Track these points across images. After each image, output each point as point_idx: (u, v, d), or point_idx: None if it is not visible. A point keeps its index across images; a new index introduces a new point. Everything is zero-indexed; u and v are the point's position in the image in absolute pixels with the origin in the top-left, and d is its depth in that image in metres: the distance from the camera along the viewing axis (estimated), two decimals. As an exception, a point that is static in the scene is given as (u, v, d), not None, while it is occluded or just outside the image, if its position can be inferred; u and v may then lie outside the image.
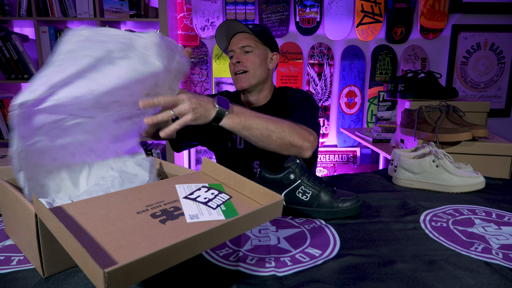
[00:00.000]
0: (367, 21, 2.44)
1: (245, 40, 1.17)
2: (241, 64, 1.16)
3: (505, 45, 2.53)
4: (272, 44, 1.23)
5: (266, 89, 1.25)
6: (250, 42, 1.17)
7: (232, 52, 1.20)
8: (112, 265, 0.36)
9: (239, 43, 1.17)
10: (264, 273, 0.57)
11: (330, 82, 2.53)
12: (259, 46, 1.19)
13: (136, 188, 0.61)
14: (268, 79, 1.24)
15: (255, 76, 1.18)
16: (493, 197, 0.93)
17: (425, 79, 1.60)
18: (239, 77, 1.18)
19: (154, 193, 0.60)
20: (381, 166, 2.24)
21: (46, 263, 0.55)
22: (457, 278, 0.55)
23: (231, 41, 1.21)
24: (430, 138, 1.22)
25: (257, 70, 1.18)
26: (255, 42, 1.18)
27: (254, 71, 1.17)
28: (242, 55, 1.17)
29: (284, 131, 0.93)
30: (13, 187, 0.62)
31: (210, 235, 0.46)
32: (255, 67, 1.17)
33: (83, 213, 0.51)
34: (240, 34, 1.19)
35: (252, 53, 1.18)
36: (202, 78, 2.46)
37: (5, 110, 2.05)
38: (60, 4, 2.00)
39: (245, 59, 1.17)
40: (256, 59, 1.18)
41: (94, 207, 0.53)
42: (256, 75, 1.18)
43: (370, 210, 0.85)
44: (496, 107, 2.62)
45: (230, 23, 1.16)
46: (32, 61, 2.07)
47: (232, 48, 1.19)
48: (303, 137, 0.97)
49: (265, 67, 1.20)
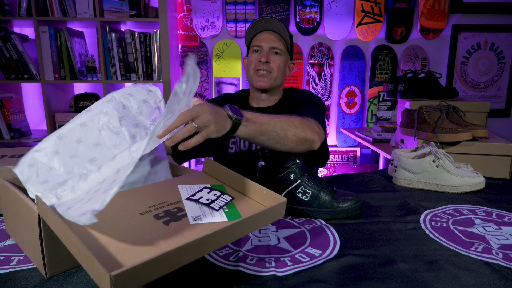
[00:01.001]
0: (367, 21, 2.44)
1: (276, 41, 1.17)
2: (269, 65, 1.16)
3: (505, 45, 2.53)
4: (292, 52, 1.25)
5: (278, 93, 1.26)
6: (280, 46, 1.17)
7: (259, 48, 1.17)
8: (117, 268, 0.36)
9: (271, 42, 1.16)
10: (264, 273, 0.57)
11: (330, 82, 2.53)
12: (285, 52, 1.20)
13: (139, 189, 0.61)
14: (282, 84, 1.26)
15: (276, 80, 1.19)
16: (493, 197, 0.93)
17: (425, 79, 1.60)
18: (262, 75, 1.17)
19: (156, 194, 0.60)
20: (381, 166, 2.24)
21: (49, 264, 0.55)
22: (457, 278, 0.55)
23: (261, 36, 1.18)
24: (430, 138, 1.22)
25: (279, 74, 1.19)
26: (284, 46, 1.19)
27: (277, 75, 1.18)
28: (271, 56, 1.17)
29: (297, 127, 0.91)
30: (15, 186, 0.62)
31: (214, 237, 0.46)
32: (279, 71, 1.18)
33: None
34: (272, 33, 1.18)
35: (280, 56, 1.18)
36: (202, 78, 2.46)
37: (5, 110, 2.05)
38: (60, 4, 2.00)
39: (273, 60, 1.17)
40: (282, 64, 1.19)
41: None
42: (277, 78, 1.19)
43: (370, 210, 0.85)
44: (496, 107, 2.62)
45: (268, 19, 1.15)
46: (32, 61, 2.07)
47: (261, 44, 1.17)
48: (313, 129, 0.95)
49: (284, 73, 1.22)
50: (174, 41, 2.26)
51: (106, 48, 2.08)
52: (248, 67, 1.20)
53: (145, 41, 2.11)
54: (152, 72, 2.15)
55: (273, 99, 1.25)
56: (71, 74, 2.12)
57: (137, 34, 2.10)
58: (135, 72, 2.14)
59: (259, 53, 1.18)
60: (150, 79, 2.16)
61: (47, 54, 2.04)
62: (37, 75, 2.08)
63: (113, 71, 2.11)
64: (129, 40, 2.09)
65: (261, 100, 1.25)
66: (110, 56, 2.09)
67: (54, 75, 2.07)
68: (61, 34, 2.06)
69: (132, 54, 2.11)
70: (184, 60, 0.66)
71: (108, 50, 2.08)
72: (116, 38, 2.08)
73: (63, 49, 2.08)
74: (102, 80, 2.09)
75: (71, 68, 2.11)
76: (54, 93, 2.17)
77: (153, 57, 2.14)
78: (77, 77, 2.12)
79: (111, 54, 2.09)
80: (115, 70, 2.11)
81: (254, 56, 1.18)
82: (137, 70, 2.13)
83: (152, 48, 2.13)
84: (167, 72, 2.10)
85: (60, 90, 2.23)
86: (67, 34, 2.06)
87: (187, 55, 0.74)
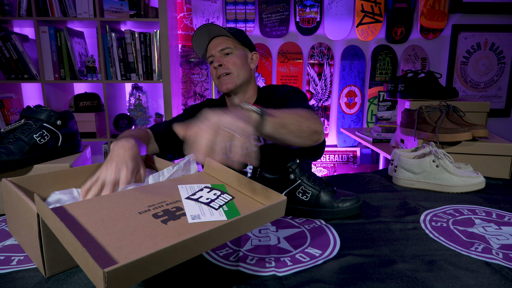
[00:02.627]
0: (367, 21, 2.44)
1: (223, 43, 1.16)
2: (224, 67, 1.15)
3: (505, 45, 2.53)
4: (250, 45, 1.23)
5: (251, 90, 1.23)
6: (228, 44, 1.16)
7: (211, 57, 1.18)
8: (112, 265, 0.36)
9: (218, 46, 1.16)
10: (264, 273, 0.57)
11: (330, 82, 2.53)
12: (238, 47, 1.18)
13: (138, 188, 0.61)
14: (251, 79, 1.23)
15: (239, 77, 1.17)
16: (493, 197, 0.93)
17: (425, 79, 1.60)
18: (223, 79, 1.16)
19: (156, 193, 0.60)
20: (381, 166, 2.24)
21: (48, 263, 0.55)
22: (457, 278, 0.55)
23: (209, 46, 1.19)
24: (430, 138, 1.22)
25: (240, 70, 1.16)
26: (234, 43, 1.17)
27: (237, 72, 1.16)
28: (223, 58, 1.15)
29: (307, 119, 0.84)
30: (16, 186, 0.62)
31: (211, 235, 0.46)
32: (238, 68, 1.16)
33: (85, 213, 0.51)
34: (217, 38, 1.18)
35: (232, 54, 1.16)
36: (202, 78, 2.46)
37: (5, 110, 2.05)
38: (60, 4, 2.00)
39: (226, 61, 1.15)
40: (237, 60, 1.16)
41: (96, 207, 0.53)
42: (240, 75, 1.17)
43: (370, 210, 0.85)
44: (496, 107, 2.62)
45: (205, 27, 1.14)
46: (32, 61, 2.07)
47: (211, 52, 1.17)
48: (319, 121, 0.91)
49: (247, 67, 1.19)
50: (174, 41, 2.26)
51: (106, 48, 2.08)
52: (213, 79, 1.20)
53: (145, 41, 2.11)
54: (152, 72, 2.15)
55: (248, 97, 1.23)
56: (71, 74, 2.12)
57: (137, 34, 2.10)
58: (135, 72, 2.14)
59: (214, 61, 1.17)
60: (150, 79, 2.16)
61: (47, 54, 2.04)
62: (37, 75, 2.08)
63: (113, 71, 2.11)
64: (129, 40, 2.09)
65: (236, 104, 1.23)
66: (110, 56, 2.09)
67: (54, 75, 2.07)
68: (61, 34, 2.06)
69: (132, 54, 2.11)
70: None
71: (108, 50, 2.08)
72: (116, 38, 2.08)
73: (63, 49, 2.08)
74: (102, 80, 2.09)
75: (71, 68, 2.11)
76: (54, 93, 2.17)
77: (153, 57, 2.14)
78: (77, 77, 2.12)
79: (111, 54, 2.09)
80: (115, 70, 2.11)
81: (211, 66, 1.18)
82: (137, 70, 2.13)
83: (152, 48, 2.13)
84: (167, 72, 2.10)
85: (60, 90, 2.24)
86: (67, 34, 2.06)
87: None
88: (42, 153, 0.85)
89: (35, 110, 0.87)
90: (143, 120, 2.31)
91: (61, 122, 0.88)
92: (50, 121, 0.86)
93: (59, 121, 0.88)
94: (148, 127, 1.17)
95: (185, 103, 2.49)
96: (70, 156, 0.91)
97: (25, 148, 0.81)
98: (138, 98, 2.28)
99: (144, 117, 2.31)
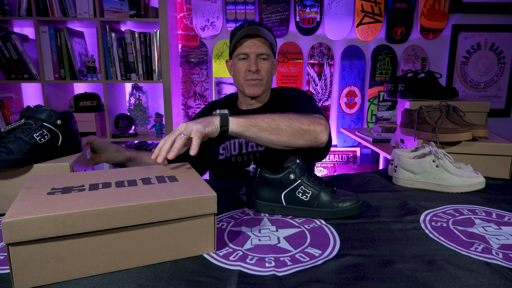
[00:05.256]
0: (367, 21, 2.44)
1: (262, 47, 1.15)
2: (259, 73, 1.15)
3: (505, 45, 2.53)
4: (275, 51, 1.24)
5: (267, 93, 1.26)
6: (266, 50, 1.16)
7: (245, 56, 1.15)
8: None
9: (258, 49, 1.14)
10: (264, 273, 0.57)
11: (330, 82, 2.53)
12: (270, 54, 1.18)
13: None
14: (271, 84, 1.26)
15: (267, 84, 1.19)
16: (493, 197, 0.93)
17: (425, 79, 1.60)
18: (253, 84, 1.16)
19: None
20: (381, 166, 2.24)
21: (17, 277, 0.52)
22: (457, 278, 0.55)
23: (247, 44, 1.15)
24: (430, 138, 1.22)
25: (269, 78, 1.19)
26: (269, 49, 1.17)
27: (267, 80, 1.18)
28: (259, 63, 1.15)
29: (290, 119, 0.90)
30: None
31: (116, 212, 0.54)
32: (268, 75, 1.18)
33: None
34: (257, 39, 1.15)
35: (267, 61, 1.17)
36: (202, 78, 2.46)
37: (5, 110, 2.05)
38: (60, 4, 2.00)
39: (262, 67, 1.15)
40: (270, 68, 1.18)
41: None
42: (268, 83, 1.19)
43: (370, 210, 0.85)
44: (496, 107, 2.62)
45: (253, 28, 1.11)
46: (32, 61, 2.07)
47: (247, 51, 1.14)
48: (313, 121, 0.93)
49: (271, 75, 1.21)
50: (174, 41, 2.26)
51: (106, 48, 2.08)
52: (237, 75, 1.18)
53: (145, 41, 2.11)
54: (152, 72, 2.15)
55: (262, 99, 1.25)
56: (71, 74, 2.12)
57: (137, 34, 2.10)
58: (135, 72, 2.14)
59: (246, 61, 1.16)
60: (150, 79, 2.16)
61: (47, 54, 2.04)
62: (37, 75, 2.08)
63: (113, 71, 2.11)
64: (129, 40, 2.10)
65: (250, 104, 1.25)
66: (110, 56, 2.09)
67: (54, 75, 2.07)
68: (61, 34, 2.06)
69: (132, 54, 2.11)
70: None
71: (108, 50, 2.08)
72: (116, 38, 2.08)
73: (63, 49, 2.08)
74: (102, 80, 2.09)
75: (71, 68, 2.11)
76: (54, 93, 2.17)
77: (153, 57, 2.14)
78: (77, 77, 2.12)
79: (111, 54, 2.09)
80: (115, 70, 2.11)
81: (242, 64, 1.16)
82: (137, 70, 2.13)
83: (152, 48, 2.13)
84: (167, 72, 2.10)
85: (60, 90, 2.24)
86: (67, 34, 2.06)
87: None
88: (42, 153, 0.85)
89: (35, 110, 0.87)
90: (143, 120, 2.31)
91: (61, 122, 0.88)
92: (50, 121, 0.87)
93: (59, 120, 0.88)
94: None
95: (185, 103, 2.49)
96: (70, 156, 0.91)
97: (25, 147, 0.81)
98: (138, 98, 2.28)
99: (144, 117, 2.31)
